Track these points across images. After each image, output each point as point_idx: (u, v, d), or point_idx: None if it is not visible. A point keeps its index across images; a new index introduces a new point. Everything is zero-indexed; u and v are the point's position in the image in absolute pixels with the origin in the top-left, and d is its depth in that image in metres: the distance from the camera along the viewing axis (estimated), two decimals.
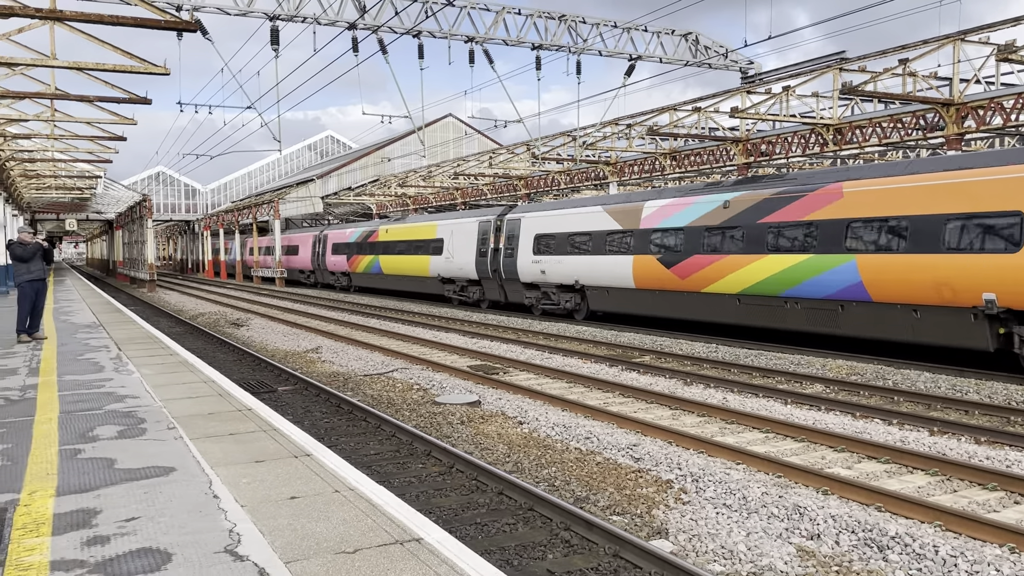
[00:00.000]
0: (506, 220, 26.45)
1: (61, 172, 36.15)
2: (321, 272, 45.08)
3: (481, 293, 28.51)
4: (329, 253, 42.80)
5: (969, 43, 19.50)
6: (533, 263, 24.44)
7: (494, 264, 26.72)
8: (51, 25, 13.35)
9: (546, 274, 23.80)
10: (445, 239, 30.21)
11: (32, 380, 9.42)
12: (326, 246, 43.44)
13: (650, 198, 20.35)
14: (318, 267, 45.08)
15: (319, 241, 44.92)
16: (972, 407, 10.59)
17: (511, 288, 26.29)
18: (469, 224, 28.79)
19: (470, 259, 28.27)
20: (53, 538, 4.25)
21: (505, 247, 26.06)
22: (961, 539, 6.16)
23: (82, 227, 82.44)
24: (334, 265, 42.23)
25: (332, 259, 42.37)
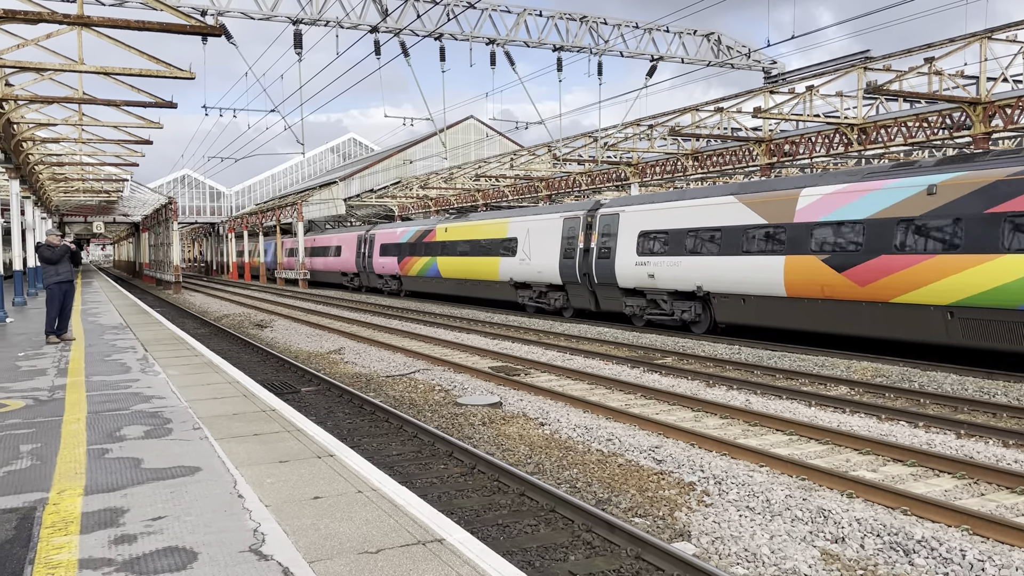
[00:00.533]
0: (599, 215, 22.84)
1: (89, 175, 36.64)
2: (367, 275, 41.81)
3: (564, 300, 24.93)
4: (377, 254, 39.36)
5: (996, 41, 19.24)
6: (637, 266, 20.84)
7: (583, 267, 23.16)
8: (79, 30, 13.53)
9: (655, 279, 20.20)
10: (519, 238, 26.61)
11: (61, 381, 9.56)
12: (373, 247, 40.04)
13: (807, 184, 16.83)
14: (363, 269, 41.78)
15: (365, 241, 41.48)
16: (1000, 410, 10.45)
17: (605, 295, 22.65)
18: (550, 221, 25.21)
19: (551, 261, 24.68)
20: (81, 537, 4.31)
21: (599, 247, 22.50)
22: (989, 543, 6.09)
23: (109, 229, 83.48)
24: (382, 267, 38.80)
25: (380, 261, 38.91)
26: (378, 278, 40.36)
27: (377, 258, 39.33)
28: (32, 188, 29.90)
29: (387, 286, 39.37)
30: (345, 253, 44.53)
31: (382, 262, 38.74)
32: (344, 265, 44.94)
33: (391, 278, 38.70)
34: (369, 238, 40.93)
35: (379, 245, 39.24)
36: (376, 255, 39.49)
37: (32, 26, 12.64)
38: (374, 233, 40.37)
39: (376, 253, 39.52)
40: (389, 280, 38.97)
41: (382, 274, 39.43)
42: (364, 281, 42.80)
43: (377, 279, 40.47)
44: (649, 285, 20.58)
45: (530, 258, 25.93)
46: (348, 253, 44.05)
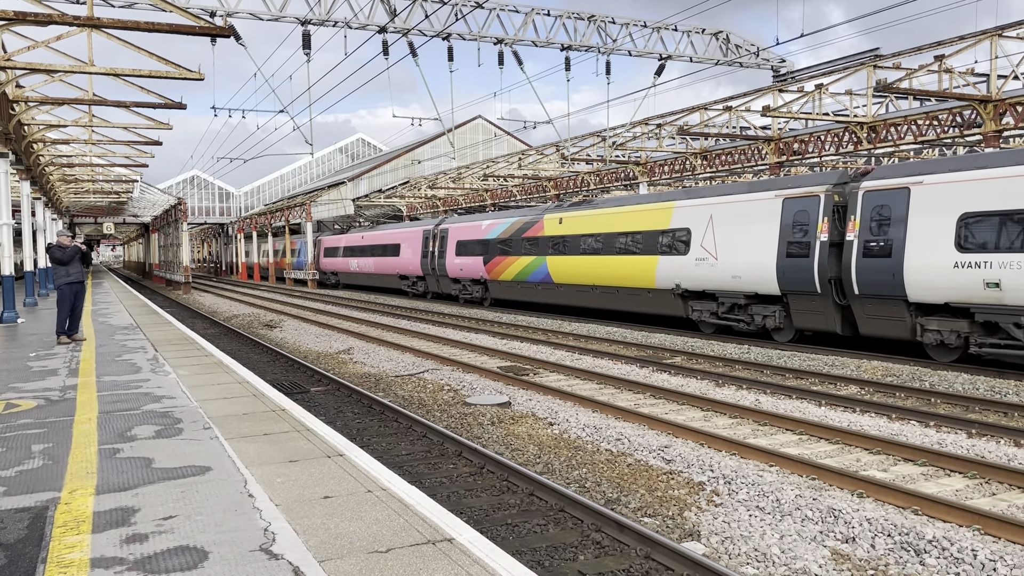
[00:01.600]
0: (861, 192, 15.41)
1: (99, 176, 36.82)
2: (436, 279, 34.23)
3: (782, 317, 17.35)
4: (451, 253, 32.12)
5: (1007, 39, 19.14)
6: (959, 268, 13.48)
7: (829, 269, 15.93)
8: (88, 32, 13.60)
9: (1001, 289, 12.94)
10: (694, 229, 19.48)
11: (72, 381, 9.61)
12: (446, 244, 32.82)
13: None
14: (431, 271, 34.25)
15: (433, 238, 34.03)
16: (1012, 409, 10.39)
17: (875, 310, 15.10)
18: (758, 204, 17.84)
19: (763, 261, 17.40)
20: (93, 536, 4.33)
21: (864, 240, 15.15)
22: (1000, 543, 6.05)
23: (119, 230, 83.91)
24: (460, 270, 31.49)
25: (457, 262, 31.59)
26: (453, 283, 32.85)
27: (452, 258, 32.06)
28: (42, 189, 30.07)
29: (466, 293, 31.95)
30: (406, 252, 36.79)
31: (459, 263, 31.47)
32: (403, 266, 37.32)
33: (472, 283, 31.30)
34: (439, 234, 33.54)
35: (454, 242, 31.99)
36: (451, 254, 32.20)
37: (42, 28, 12.71)
38: (447, 227, 33.05)
39: (451, 252, 32.22)
40: (469, 286, 31.55)
41: (459, 278, 32.04)
42: (432, 286, 35.26)
43: (451, 284, 32.94)
44: (981, 299, 13.37)
45: (717, 257, 18.80)
46: (410, 252, 36.35)
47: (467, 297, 32.05)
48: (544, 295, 26.34)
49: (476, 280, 30.97)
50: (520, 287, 27.60)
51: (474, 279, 30.99)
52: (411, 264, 36.34)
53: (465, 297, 32.16)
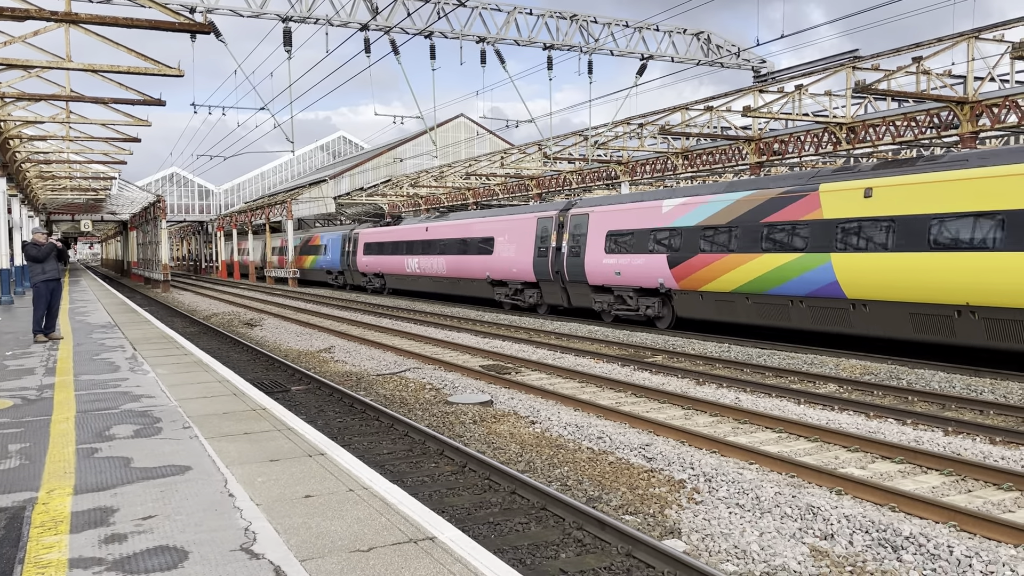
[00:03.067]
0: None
1: (76, 173, 36.45)
2: (563, 287, 24.28)
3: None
4: (596, 250, 22.53)
5: (983, 41, 19.37)
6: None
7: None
8: (66, 28, 13.46)
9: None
10: None
11: (49, 380, 9.51)
12: (583, 237, 23.11)
13: None
14: (553, 276, 24.37)
15: (560, 227, 24.28)
16: (987, 407, 10.53)
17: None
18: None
19: None
20: (71, 536, 4.30)
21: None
22: (976, 539, 6.14)
23: (97, 228, 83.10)
24: (613, 274, 21.87)
25: (609, 262, 21.98)
26: (595, 292, 22.94)
27: (599, 257, 22.40)
28: (19, 186, 29.72)
29: (626, 308, 21.79)
30: (504, 249, 27.10)
31: (612, 264, 21.85)
32: (499, 268, 27.44)
33: (639, 294, 21.25)
34: (574, 221, 23.60)
35: (600, 233, 22.42)
36: (595, 250, 22.54)
37: (19, 23, 12.57)
38: (585, 212, 23.22)
39: (594, 247, 22.59)
40: (634, 298, 21.40)
41: (610, 286, 22.10)
42: (551, 296, 25.10)
43: (592, 294, 23.01)
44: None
45: None
46: (512, 248, 26.59)
47: (627, 315, 21.66)
48: (821, 319, 16.18)
49: (647, 290, 20.87)
50: (754, 304, 17.66)
51: (642, 288, 20.97)
52: (513, 265, 26.39)
53: (625, 315, 21.76)
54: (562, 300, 24.72)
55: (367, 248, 39.77)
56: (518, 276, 26.49)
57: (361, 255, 40.41)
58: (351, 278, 42.77)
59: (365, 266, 40.02)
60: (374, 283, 39.80)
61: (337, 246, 44.02)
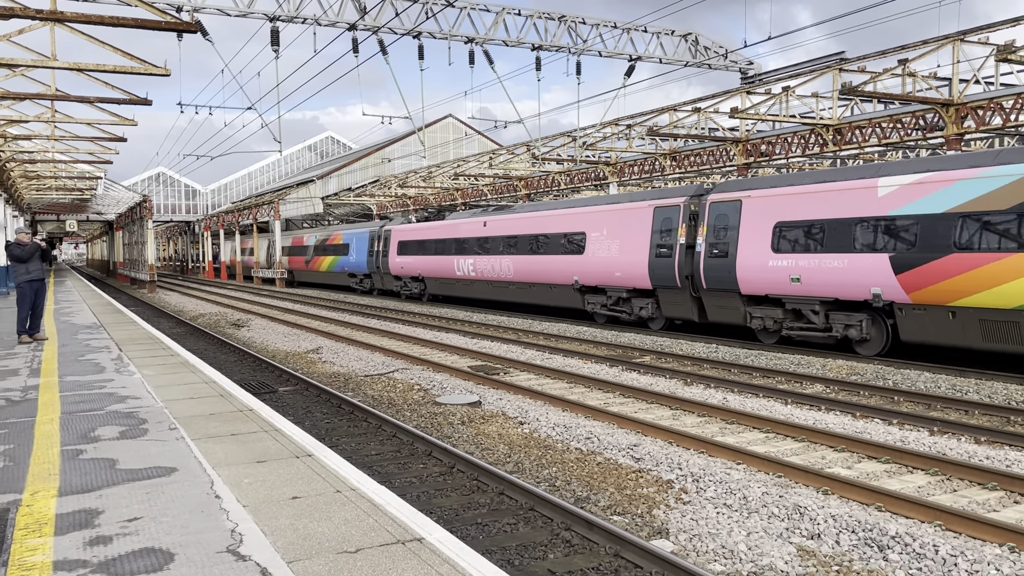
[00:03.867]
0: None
1: (61, 173, 36.19)
2: (710, 296, 18.26)
3: None
4: (760, 248, 16.91)
5: (969, 43, 19.52)
6: None
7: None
8: (51, 26, 13.36)
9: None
10: None
11: (33, 381, 9.43)
12: (735, 229, 17.51)
13: None
14: (692, 276, 18.65)
15: (692, 220, 18.89)
16: (972, 407, 10.61)
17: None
18: None
19: None
20: (56, 538, 4.26)
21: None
22: (961, 539, 6.18)
23: (82, 228, 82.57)
24: (781, 279, 16.44)
25: (776, 264, 16.56)
26: (748, 305, 17.45)
27: (765, 257, 16.78)
28: (3, 186, 29.49)
29: (816, 330, 16.05)
30: (598, 247, 21.61)
31: (789, 265, 16.28)
32: (591, 270, 21.88)
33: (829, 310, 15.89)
34: (721, 211, 17.88)
35: (768, 225, 16.82)
36: (758, 249, 16.94)
37: (4, 21, 12.45)
38: (737, 197, 17.60)
39: (755, 244, 17.02)
40: (825, 314, 15.92)
41: (787, 298, 16.36)
42: (673, 308, 19.52)
43: (753, 307, 17.31)
44: None
45: None
46: (615, 247, 21.04)
47: (809, 336, 16.07)
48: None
49: (846, 302, 15.56)
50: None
51: (838, 300, 15.54)
52: (617, 267, 20.84)
53: (805, 335, 16.14)
54: (690, 313, 18.84)
55: (402, 247, 34.08)
56: (623, 282, 20.68)
57: (394, 255, 34.77)
58: (381, 282, 37.16)
59: (399, 268, 34.38)
60: (411, 288, 33.98)
61: (363, 245, 38.27)
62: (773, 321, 16.86)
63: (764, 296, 17.06)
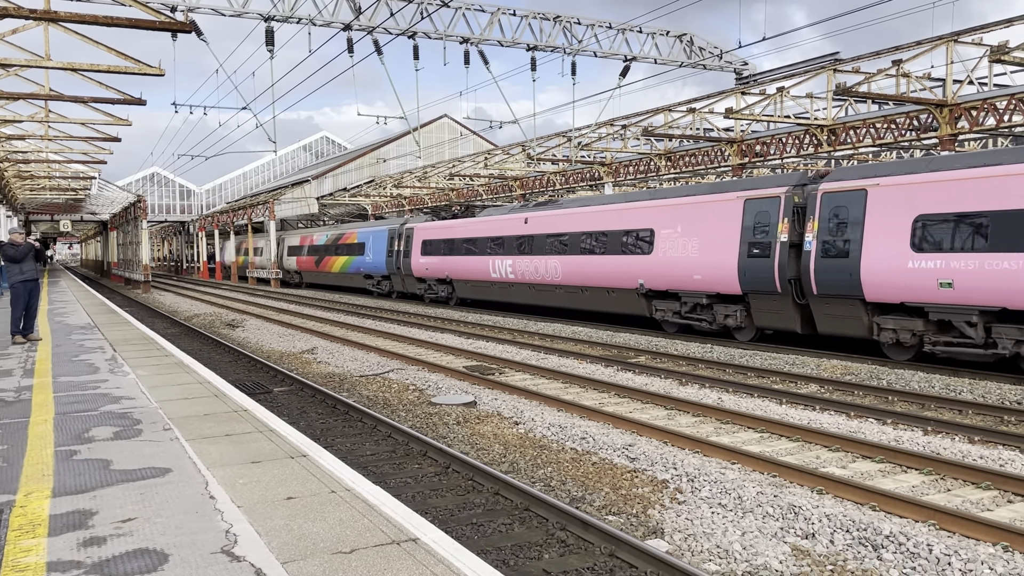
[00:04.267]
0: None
1: (55, 173, 36.08)
2: (822, 304, 15.37)
3: None
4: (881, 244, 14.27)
5: (962, 44, 19.58)
6: None
7: None
8: (45, 26, 13.32)
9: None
10: None
11: (27, 381, 9.40)
12: (859, 223, 14.69)
13: None
14: (798, 279, 15.90)
15: (800, 211, 16.05)
16: (966, 407, 10.64)
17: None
18: None
19: None
20: (49, 539, 4.25)
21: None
22: (955, 538, 6.19)
23: (76, 228, 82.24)
24: (928, 284, 13.45)
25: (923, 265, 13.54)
26: (889, 314, 14.54)
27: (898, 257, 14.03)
28: None
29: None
30: (679, 245, 18.61)
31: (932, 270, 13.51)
32: (663, 272, 19.02)
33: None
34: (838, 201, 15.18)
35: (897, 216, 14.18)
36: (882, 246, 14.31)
37: None
38: (858, 188, 14.83)
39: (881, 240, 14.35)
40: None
41: (944, 308, 13.39)
42: (767, 316, 16.78)
43: (883, 317, 14.54)
44: None
45: None
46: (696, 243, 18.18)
47: (974, 355, 13.24)
48: None
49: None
50: None
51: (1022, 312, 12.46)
52: (696, 269, 18.06)
53: (958, 352, 13.40)
54: (791, 323, 16.14)
55: (427, 247, 31.34)
56: (704, 285, 17.89)
57: (418, 255, 32.02)
58: (401, 284, 34.53)
59: (424, 269, 31.60)
60: (436, 291, 31.38)
61: (381, 245, 35.49)
62: (911, 334, 14.00)
63: (898, 304, 14.18)
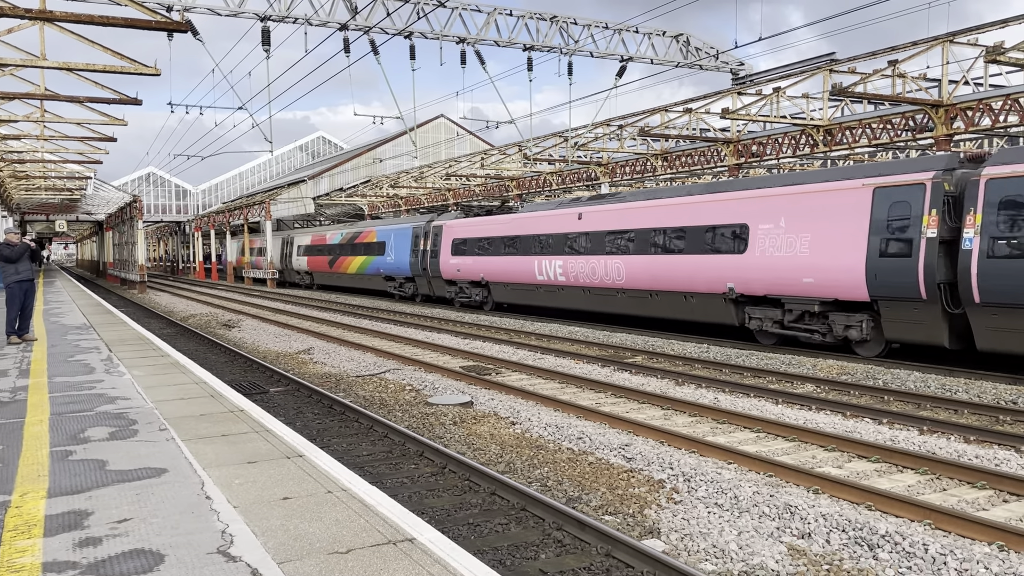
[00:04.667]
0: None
1: (51, 173, 36.00)
2: (983, 315, 12.88)
3: None
4: None
5: (958, 44, 19.62)
6: None
7: None
8: (41, 25, 13.30)
9: None
10: None
11: (23, 382, 9.38)
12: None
13: None
14: (954, 284, 13.45)
15: (953, 200, 13.61)
16: (961, 406, 10.66)
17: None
18: None
19: None
20: (45, 539, 4.24)
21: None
22: (950, 537, 6.21)
23: (72, 228, 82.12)
24: None
25: None
26: None
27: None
28: None
29: None
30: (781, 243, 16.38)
31: None
32: (760, 274, 16.81)
33: None
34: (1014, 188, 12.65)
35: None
36: None
37: None
38: None
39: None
40: None
41: None
42: (900, 328, 14.32)
43: None
44: None
45: None
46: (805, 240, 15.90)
47: None
48: None
49: None
50: None
51: None
52: (803, 271, 15.85)
53: None
54: (937, 335, 13.75)
55: (458, 246, 29.04)
56: (814, 290, 15.54)
57: (448, 255, 29.73)
58: (428, 287, 32.19)
59: (455, 271, 29.31)
60: (470, 294, 28.98)
61: (405, 243, 33.13)
62: None
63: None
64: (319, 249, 43.65)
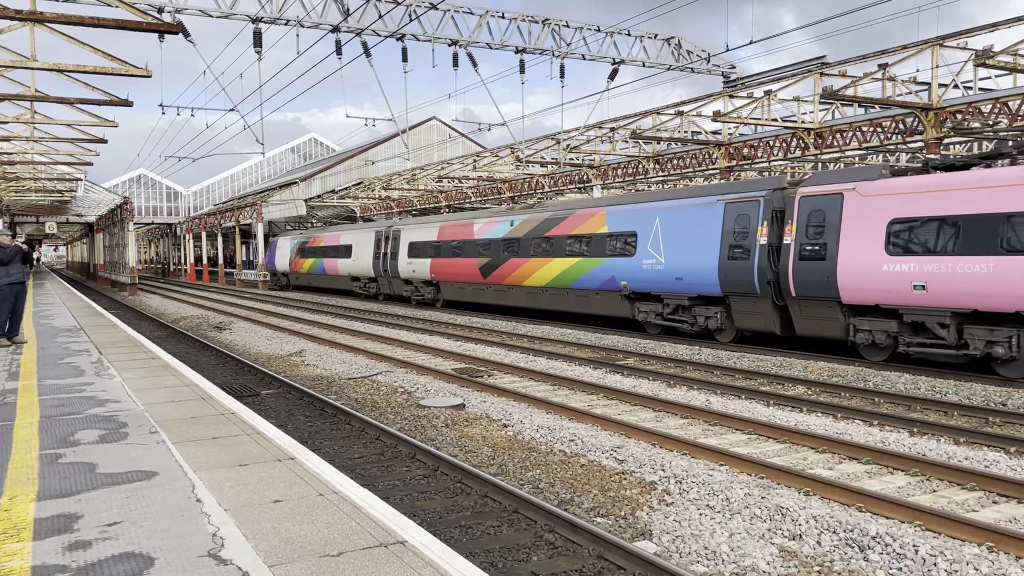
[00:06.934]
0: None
1: (41, 174, 35.84)
2: None
3: None
4: None
5: (948, 48, 19.73)
6: None
7: None
8: (31, 27, 13.24)
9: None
10: None
11: (12, 384, 9.33)
12: None
13: None
14: None
15: None
16: (951, 408, 10.71)
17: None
18: None
19: None
20: (34, 543, 4.22)
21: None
22: (941, 539, 6.23)
23: (62, 230, 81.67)
24: None
25: None
26: None
27: None
28: None
29: None
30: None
31: None
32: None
33: None
34: None
35: None
36: None
37: None
38: None
39: None
40: None
41: None
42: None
43: None
44: None
45: None
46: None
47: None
48: None
49: None
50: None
51: None
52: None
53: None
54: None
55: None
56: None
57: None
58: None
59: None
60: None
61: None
62: None
63: None
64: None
